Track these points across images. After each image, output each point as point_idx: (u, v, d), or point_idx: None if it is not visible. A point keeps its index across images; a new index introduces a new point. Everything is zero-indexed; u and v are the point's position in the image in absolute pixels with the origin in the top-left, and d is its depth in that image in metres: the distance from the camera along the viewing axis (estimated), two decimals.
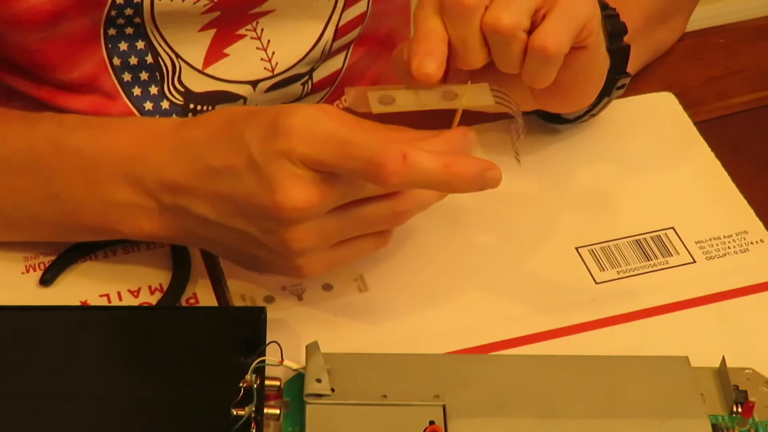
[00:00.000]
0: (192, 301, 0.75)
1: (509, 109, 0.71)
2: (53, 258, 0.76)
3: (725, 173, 0.84)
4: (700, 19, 0.97)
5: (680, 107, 0.89)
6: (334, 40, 0.92)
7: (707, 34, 0.96)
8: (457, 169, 0.66)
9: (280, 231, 0.67)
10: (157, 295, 0.75)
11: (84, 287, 0.75)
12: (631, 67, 0.81)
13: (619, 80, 0.80)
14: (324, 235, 0.68)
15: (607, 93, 0.80)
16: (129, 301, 0.75)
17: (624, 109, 0.88)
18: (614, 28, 0.78)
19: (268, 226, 0.67)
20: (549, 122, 0.85)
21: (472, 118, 0.74)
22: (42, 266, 0.76)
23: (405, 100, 0.70)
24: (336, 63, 0.94)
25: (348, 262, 0.72)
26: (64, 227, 0.74)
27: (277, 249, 0.68)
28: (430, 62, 0.69)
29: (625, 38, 0.79)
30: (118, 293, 0.75)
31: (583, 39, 0.71)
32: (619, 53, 0.78)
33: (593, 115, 0.84)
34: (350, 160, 0.65)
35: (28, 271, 0.76)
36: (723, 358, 0.70)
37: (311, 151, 0.65)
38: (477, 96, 0.70)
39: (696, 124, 0.87)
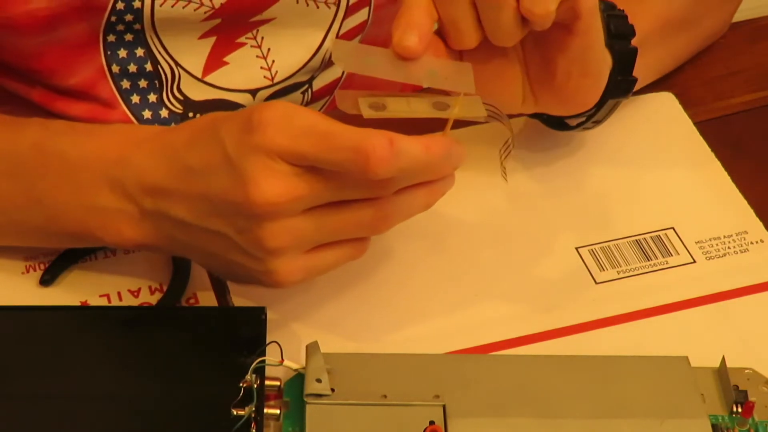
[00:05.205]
0: (192, 301, 0.75)
1: (500, 122, 0.70)
2: (53, 258, 0.76)
3: (725, 173, 0.84)
4: None
5: (680, 107, 0.88)
6: None
7: None
8: (436, 149, 0.65)
9: (253, 228, 0.65)
10: (157, 295, 0.75)
11: (84, 287, 0.75)
12: (646, 73, 0.79)
13: (623, 82, 0.77)
14: (299, 235, 0.66)
15: (610, 95, 0.77)
16: (129, 301, 0.75)
17: (624, 109, 0.88)
18: (618, 28, 0.75)
19: (242, 224, 0.66)
20: (552, 128, 0.84)
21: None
22: (42, 266, 0.76)
23: (396, 107, 0.69)
24: (335, 72, 0.94)
25: (324, 271, 0.69)
26: (49, 233, 0.73)
27: (251, 250, 0.66)
28: (411, 36, 0.66)
29: (636, 42, 0.76)
30: (118, 293, 0.75)
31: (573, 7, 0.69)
32: (624, 56, 0.76)
33: (597, 123, 0.80)
34: (334, 151, 0.63)
35: (28, 271, 0.76)
36: (723, 358, 0.70)
37: (290, 144, 0.64)
38: (469, 108, 0.68)
39: (696, 124, 0.87)
